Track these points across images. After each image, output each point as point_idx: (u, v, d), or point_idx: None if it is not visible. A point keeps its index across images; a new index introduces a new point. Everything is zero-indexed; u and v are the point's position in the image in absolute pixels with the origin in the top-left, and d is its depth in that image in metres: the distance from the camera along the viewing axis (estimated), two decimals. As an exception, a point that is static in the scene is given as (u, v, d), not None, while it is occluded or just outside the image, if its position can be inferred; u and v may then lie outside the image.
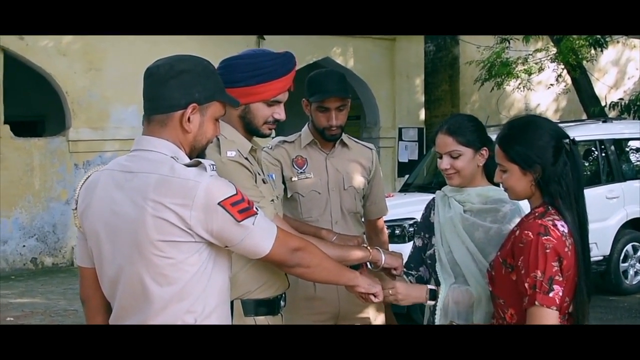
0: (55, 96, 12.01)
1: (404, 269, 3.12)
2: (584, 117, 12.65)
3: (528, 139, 2.58)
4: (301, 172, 3.67)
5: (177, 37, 10.19)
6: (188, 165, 2.21)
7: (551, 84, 14.39)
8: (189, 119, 2.29)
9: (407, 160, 14.62)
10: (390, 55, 14.78)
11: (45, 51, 11.45)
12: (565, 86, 14.31)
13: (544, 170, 2.55)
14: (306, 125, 3.76)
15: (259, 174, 2.86)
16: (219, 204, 2.17)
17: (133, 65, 10.81)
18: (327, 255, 2.58)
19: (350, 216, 3.72)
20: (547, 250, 2.42)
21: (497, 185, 2.81)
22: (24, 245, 11.57)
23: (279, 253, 2.35)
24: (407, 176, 11.24)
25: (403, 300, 2.84)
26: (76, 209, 2.34)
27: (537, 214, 2.55)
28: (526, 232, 2.48)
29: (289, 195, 3.66)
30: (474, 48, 14.29)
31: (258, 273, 2.76)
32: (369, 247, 2.99)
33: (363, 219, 3.90)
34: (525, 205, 2.80)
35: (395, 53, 14.79)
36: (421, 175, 10.15)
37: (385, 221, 3.94)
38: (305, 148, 3.71)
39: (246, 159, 2.83)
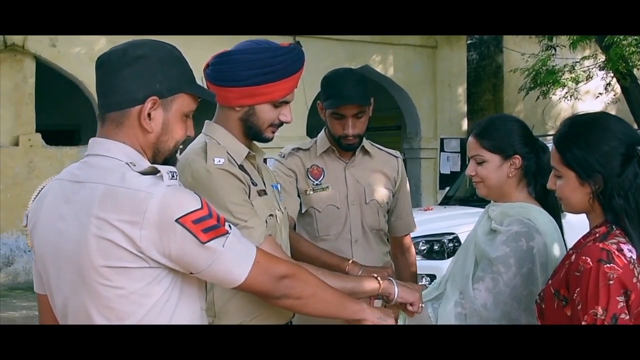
0: (89, 104, 11.80)
1: None
2: (635, 127, 12.10)
3: (590, 141, 2.09)
4: (317, 184, 3.25)
5: (211, 41, 9.90)
6: (144, 174, 1.81)
7: (600, 93, 13.79)
8: (149, 115, 1.89)
9: (449, 172, 14.19)
10: (431, 63, 14.33)
11: (77, 58, 11.20)
12: (614, 95, 13.73)
13: (606, 181, 2.06)
14: (323, 131, 3.33)
15: (256, 185, 2.47)
16: (176, 220, 1.77)
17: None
18: (324, 283, 2.14)
19: (372, 234, 3.30)
20: (610, 282, 1.92)
21: (550, 196, 2.39)
22: (54, 256, 11.34)
23: (259, 282, 1.93)
24: (447, 188, 10.89)
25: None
26: (27, 225, 1.95)
27: (597, 235, 2.06)
28: (584, 257, 1.98)
29: (303, 211, 3.25)
30: (519, 56, 13.84)
31: (251, 302, 2.36)
32: (379, 279, 2.51)
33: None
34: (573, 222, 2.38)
35: (436, 61, 14.35)
36: (463, 188, 9.74)
37: (424, 236, 3.55)
38: (322, 156, 3.29)
39: (241, 166, 2.44)
